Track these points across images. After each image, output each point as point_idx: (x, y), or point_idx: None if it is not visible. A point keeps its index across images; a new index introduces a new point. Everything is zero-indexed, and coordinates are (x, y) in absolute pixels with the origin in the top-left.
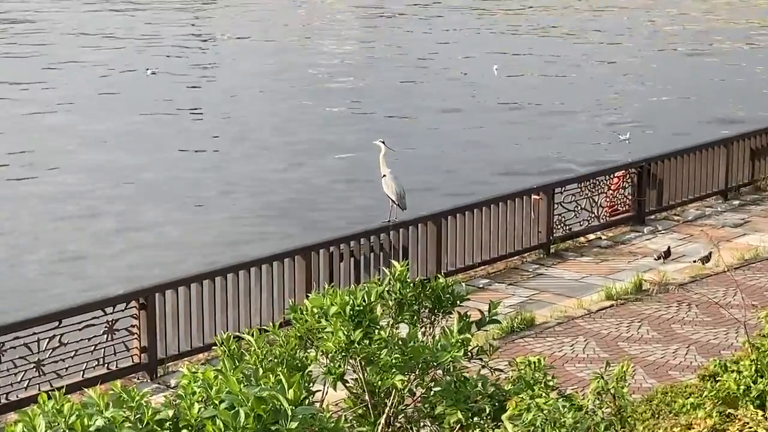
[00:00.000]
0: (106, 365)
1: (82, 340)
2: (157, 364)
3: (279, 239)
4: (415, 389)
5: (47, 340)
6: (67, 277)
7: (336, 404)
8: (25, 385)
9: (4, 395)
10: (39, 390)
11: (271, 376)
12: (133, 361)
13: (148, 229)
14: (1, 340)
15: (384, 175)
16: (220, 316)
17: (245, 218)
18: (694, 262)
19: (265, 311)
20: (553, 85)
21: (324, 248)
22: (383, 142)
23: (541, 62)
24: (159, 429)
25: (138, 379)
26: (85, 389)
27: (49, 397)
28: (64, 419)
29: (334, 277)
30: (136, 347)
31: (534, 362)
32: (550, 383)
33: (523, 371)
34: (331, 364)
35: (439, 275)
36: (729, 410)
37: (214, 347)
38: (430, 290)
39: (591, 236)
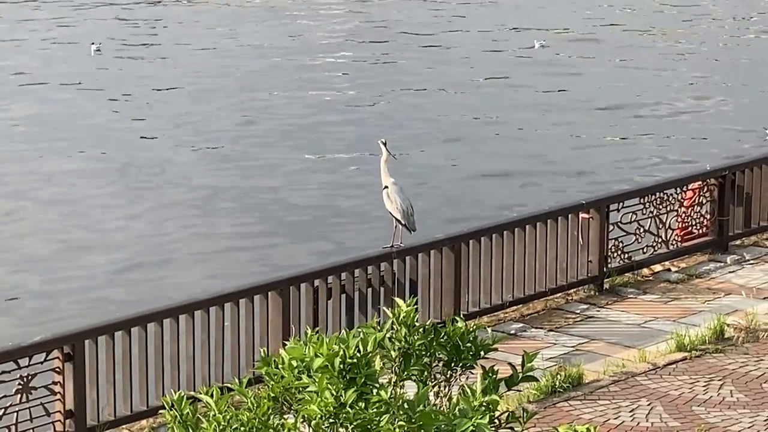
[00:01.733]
0: None
1: None
2: None
3: (248, 270)
4: None
5: None
6: None
7: None
8: None
9: None
10: None
11: None
12: (55, 430)
13: (76, 256)
14: None
15: (386, 187)
16: (170, 370)
17: (200, 240)
18: None
19: (228, 364)
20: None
21: (306, 281)
22: (384, 143)
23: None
24: None
25: None
26: None
27: None
28: None
29: (319, 320)
30: (60, 411)
31: None
32: None
33: None
34: None
35: (458, 318)
36: None
37: (161, 411)
38: (446, 337)
39: (657, 267)
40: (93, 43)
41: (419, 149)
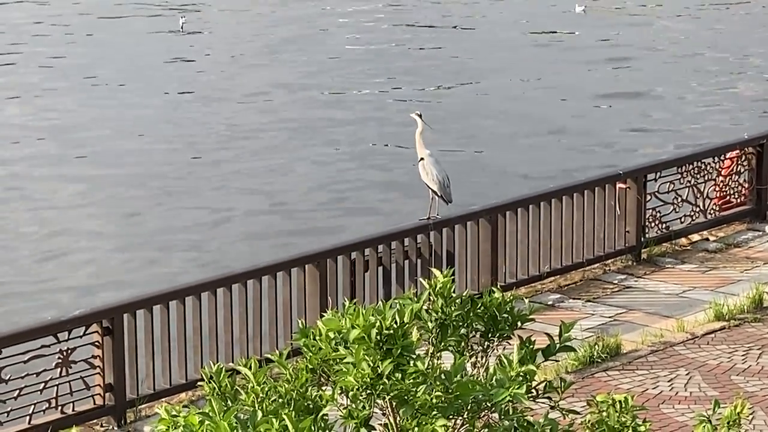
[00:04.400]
0: (59, 408)
1: (27, 375)
2: (126, 406)
3: (284, 242)
4: None
5: None
6: (8, 294)
7: None
8: None
9: None
10: None
11: (274, 420)
12: (95, 403)
13: (117, 230)
14: None
15: (421, 159)
16: (207, 343)
17: (239, 216)
18: None
19: (266, 336)
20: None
21: (343, 254)
22: (420, 115)
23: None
24: None
25: (101, 425)
26: None
27: None
28: None
29: (356, 292)
30: (99, 385)
31: (620, 402)
32: (641, 429)
33: (605, 414)
34: (353, 405)
35: (495, 289)
36: None
37: (199, 384)
38: (483, 308)
39: (695, 237)
40: (183, 16)
41: (455, 121)
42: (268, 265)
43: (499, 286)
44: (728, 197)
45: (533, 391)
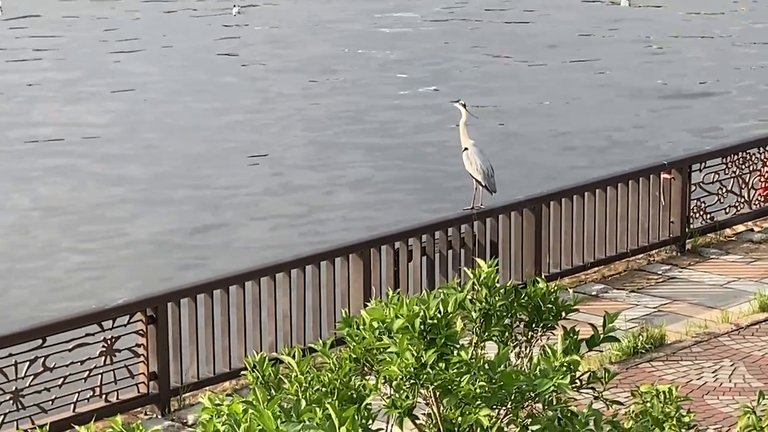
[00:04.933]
0: (103, 396)
1: (72, 363)
2: (170, 395)
3: (329, 234)
4: (506, 427)
5: (27, 363)
6: (56, 283)
7: None
8: None
9: None
10: (17, 427)
11: (317, 409)
12: (138, 392)
13: (158, 220)
14: None
15: (465, 149)
16: (251, 332)
17: (283, 205)
18: None
19: (310, 326)
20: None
21: (387, 243)
22: (464, 105)
23: None
24: None
25: (146, 414)
26: (77, 427)
27: None
28: None
29: (399, 281)
30: (143, 373)
31: (664, 393)
32: (685, 420)
33: (649, 404)
34: (396, 395)
35: (539, 279)
36: None
37: (243, 373)
38: (527, 298)
39: (740, 227)
40: (234, 6)
41: (499, 110)
42: (312, 254)
43: (542, 277)
44: None
45: (577, 381)
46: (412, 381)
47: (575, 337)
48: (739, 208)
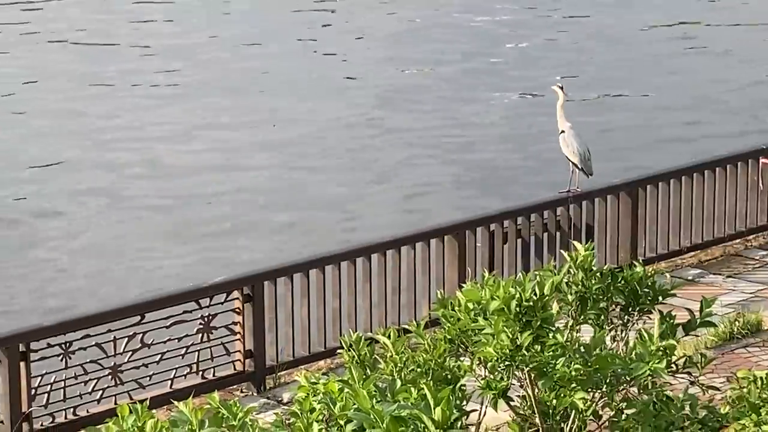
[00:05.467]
0: (200, 373)
1: (169, 340)
2: (266, 373)
3: (423, 215)
4: (601, 411)
5: (126, 339)
6: (153, 261)
7: (497, 428)
8: (97, 397)
9: (72, 409)
10: (115, 403)
11: (412, 389)
12: (234, 369)
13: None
14: (69, 339)
15: (562, 131)
16: (346, 311)
17: (377, 187)
18: None
19: (405, 306)
20: None
21: (482, 225)
22: (561, 87)
23: None
24: None
25: (241, 391)
26: (175, 403)
27: (130, 412)
28: None
29: (495, 264)
30: (239, 351)
31: (761, 379)
32: None
33: (746, 390)
34: (491, 376)
35: (636, 263)
36: None
37: (339, 352)
38: (623, 282)
39: None
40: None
41: (598, 92)
42: (408, 235)
43: (639, 261)
44: None
45: (673, 366)
46: (507, 363)
47: (672, 321)
48: None
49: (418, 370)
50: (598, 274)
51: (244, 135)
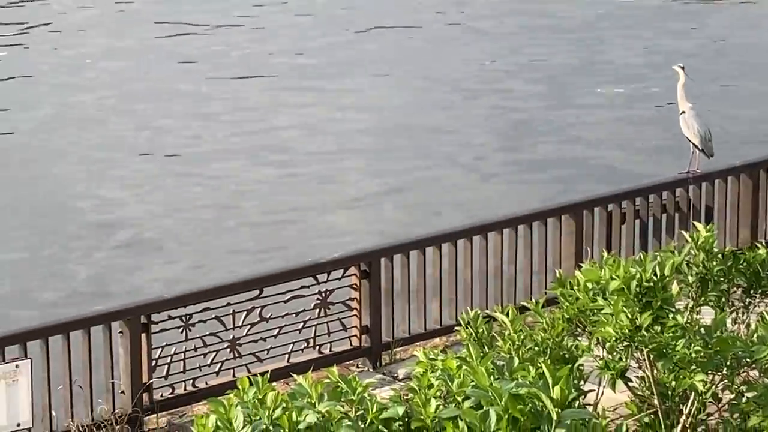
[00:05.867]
0: (317, 348)
1: (287, 314)
2: (382, 348)
3: (539, 194)
4: (720, 394)
5: (244, 313)
6: (271, 237)
7: (614, 409)
8: (216, 369)
9: (191, 380)
10: (234, 376)
11: (530, 368)
12: (351, 345)
13: (371, 179)
14: (189, 312)
15: (683, 112)
16: (463, 289)
17: (497, 165)
18: None
19: (521, 285)
20: None
21: (600, 206)
22: (682, 68)
23: None
24: (385, 429)
25: (357, 367)
26: (294, 376)
27: (250, 384)
28: (267, 412)
29: (612, 244)
30: (356, 327)
31: None
32: None
33: None
34: (609, 357)
35: (758, 245)
36: None
37: (456, 329)
38: (745, 264)
39: None
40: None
41: (717, 76)
42: (525, 214)
43: (763, 242)
44: None
45: None
46: (626, 343)
47: None
48: None
49: (536, 348)
50: (719, 255)
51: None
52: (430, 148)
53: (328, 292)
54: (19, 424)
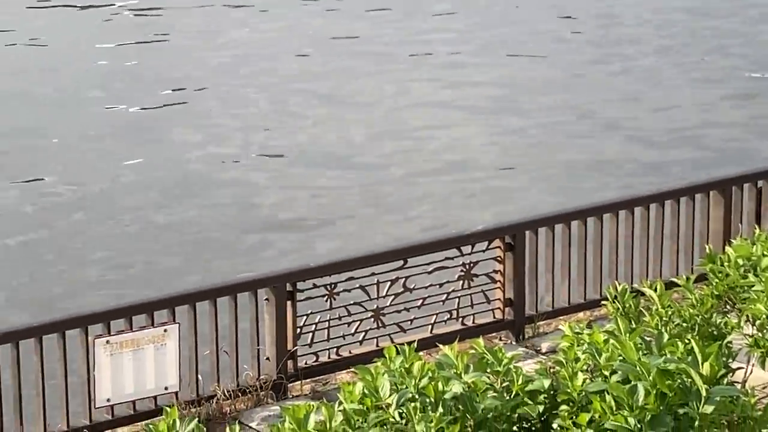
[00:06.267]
0: (460, 320)
1: (431, 285)
2: (525, 322)
3: (686, 170)
4: None
5: (388, 283)
6: (421, 204)
7: (763, 387)
8: (360, 338)
9: (335, 349)
10: (377, 345)
11: (679, 344)
12: (494, 317)
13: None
14: (333, 281)
15: None
16: (608, 264)
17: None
18: None
19: (668, 261)
20: None
21: (750, 182)
22: None
23: None
24: (531, 402)
25: (500, 339)
26: (440, 346)
27: (397, 353)
28: (413, 381)
29: (762, 220)
30: (499, 299)
31: None
32: None
33: None
34: (759, 335)
35: None
36: None
37: (603, 303)
38: None
39: None
40: None
41: None
42: (671, 190)
43: None
44: None
45: None
46: None
47: None
48: None
49: (684, 324)
50: None
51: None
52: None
53: (472, 264)
54: (166, 388)
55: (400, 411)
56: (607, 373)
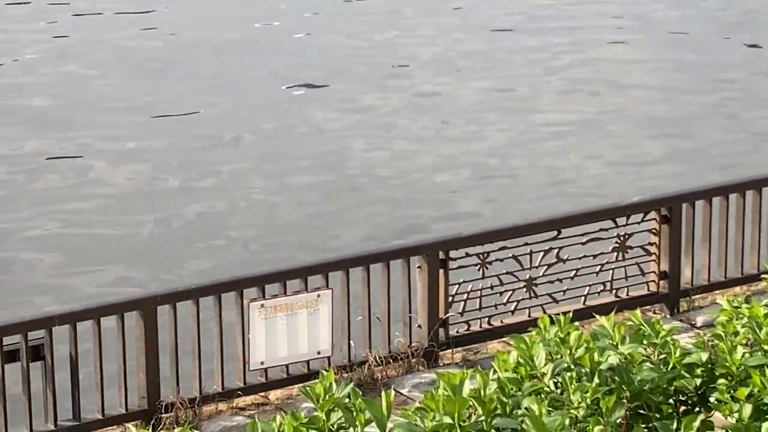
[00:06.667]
0: (613, 292)
1: (584, 257)
2: (680, 295)
3: None
4: None
5: (542, 253)
6: (559, 176)
7: None
8: (512, 308)
9: (487, 318)
10: (529, 315)
11: None
12: (648, 290)
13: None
14: (486, 250)
15: None
16: (766, 238)
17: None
18: None
19: None
20: None
21: None
22: None
23: None
24: (687, 375)
25: (654, 312)
26: (597, 316)
27: (552, 322)
28: (569, 351)
29: None
30: (654, 272)
31: None
32: None
33: None
34: None
35: None
36: None
37: (763, 276)
38: None
39: None
40: None
41: None
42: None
43: None
44: None
45: None
46: None
47: None
48: None
49: None
50: None
51: None
52: None
53: (626, 236)
54: (319, 352)
55: (555, 380)
56: (767, 347)
